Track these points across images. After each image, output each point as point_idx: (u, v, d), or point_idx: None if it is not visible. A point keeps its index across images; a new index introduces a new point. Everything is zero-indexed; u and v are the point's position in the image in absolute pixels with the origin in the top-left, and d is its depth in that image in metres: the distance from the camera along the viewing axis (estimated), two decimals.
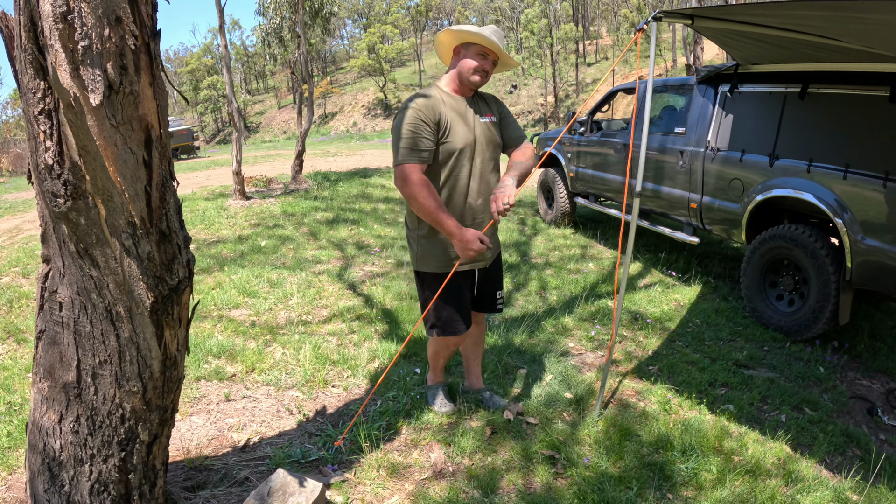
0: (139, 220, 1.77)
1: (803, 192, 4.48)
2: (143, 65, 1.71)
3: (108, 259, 1.79)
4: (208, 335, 4.29)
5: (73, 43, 1.59)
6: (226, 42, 9.87)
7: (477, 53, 2.75)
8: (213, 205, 9.57)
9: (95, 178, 1.69)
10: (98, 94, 1.61)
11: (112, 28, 1.63)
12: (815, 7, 2.74)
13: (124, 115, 1.68)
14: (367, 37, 53.40)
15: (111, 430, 1.97)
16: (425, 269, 2.91)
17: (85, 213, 1.73)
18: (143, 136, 1.74)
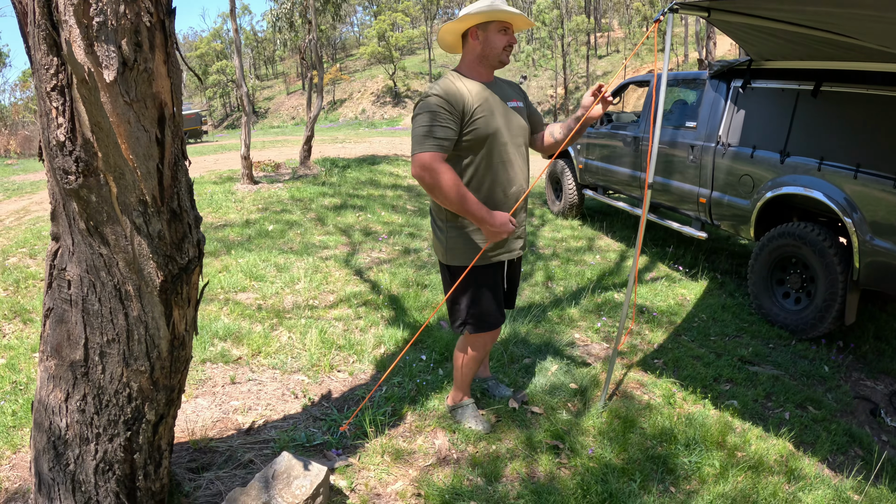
0: (150, 198, 1.77)
1: (813, 190, 4.46)
2: (158, 42, 1.70)
3: (119, 237, 1.79)
4: (215, 318, 4.30)
5: (87, 18, 1.58)
6: (236, 26, 9.84)
7: (498, 31, 2.60)
8: (221, 189, 9.58)
9: (108, 155, 1.69)
10: (112, 70, 1.60)
11: (128, 4, 1.61)
12: (833, 3, 2.71)
13: (138, 93, 1.67)
14: (378, 24, 53.20)
15: (118, 409, 1.98)
16: (456, 263, 2.75)
17: (96, 190, 1.73)
18: (156, 114, 1.73)
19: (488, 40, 2.61)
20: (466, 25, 2.62)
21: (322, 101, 12.09)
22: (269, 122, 53.77)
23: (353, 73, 60.71)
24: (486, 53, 2.63)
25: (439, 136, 2.49)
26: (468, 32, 2.65)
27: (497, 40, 2.61)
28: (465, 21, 2.59)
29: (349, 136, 25.49)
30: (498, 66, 2.67)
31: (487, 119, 2.58)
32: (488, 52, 2.62)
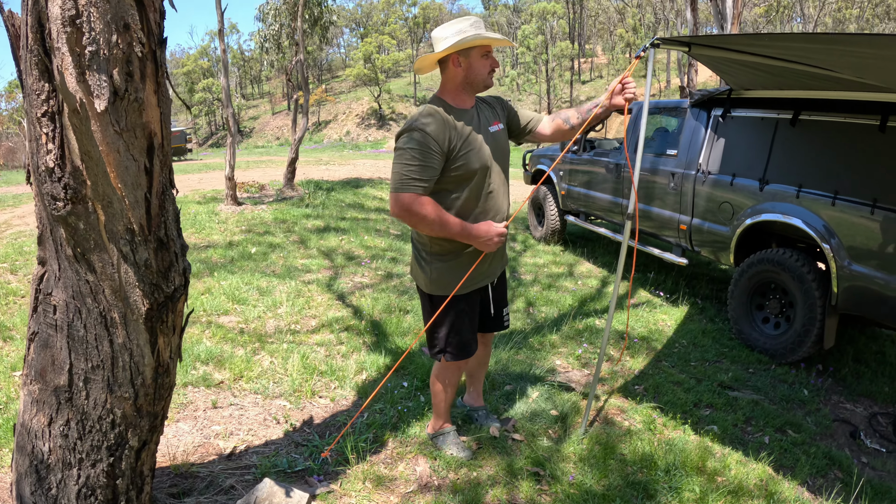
0: (138, 227, 1.78)
1: (792, 217, 4.55)
2: (149, 72, 1.73)
3: (105, 265, 1.80)
4: (197, 341, 4.28)
5: (80, 47, 1.60)
6: (224, 47, 9.89)
7: (481, 56, 2.56)
8: (205, 209, 9.55)
9: (96, 183, 1.70)
10: (103, 99, 1.63)
11: (120, 34, 1.64)
12: (811, 40, 2.80)
13: (128, 122, 1.69)
14: (364, 46, 53.53)
15: (101, 435, 1.97)
16: (440, 293, 2.72)
17: (84, 217, 1.74)
18: (145, 144, 1.75)
19: (472, 66, 2.57)
20: (448, 53, 2.56)
21: (307, 123, 12.13)
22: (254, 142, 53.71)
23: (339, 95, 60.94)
24: (471, 79, 2.60)
25: (422, 177, 2.46)
26: (448, 58, 2.58)
27: (481, 66, 2.58)
28: (450, 49, 2.52)
29: (333, 157, 25.52)
30: (483, 90, 2.67)
31: (472, 154, 2.56)
32: (473, 77, 2.60)
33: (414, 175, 2.45)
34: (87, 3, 1.60)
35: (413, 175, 2.45)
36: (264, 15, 15.82)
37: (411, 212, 2.46)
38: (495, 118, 2.77)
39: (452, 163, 2.53)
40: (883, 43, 2.41)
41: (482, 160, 2.60)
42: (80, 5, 1.59)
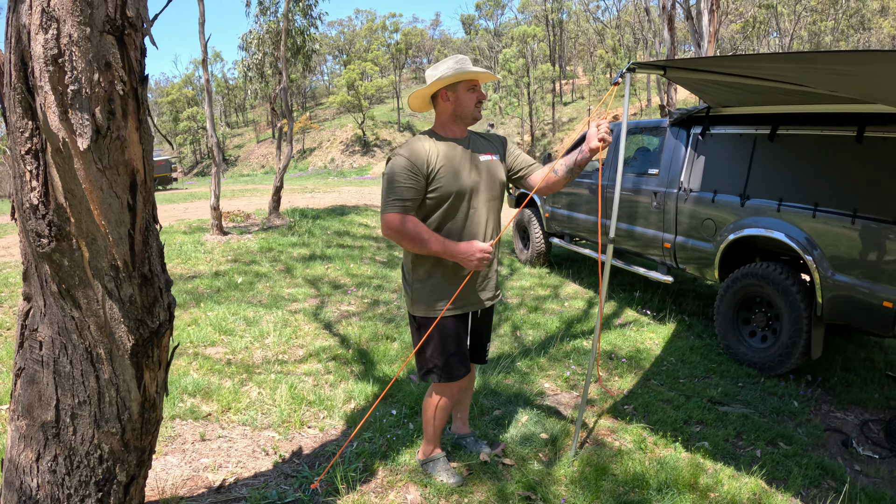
0: (122, 263, 1.79)
1: (774, 230, 4.61)
2: (131, 110, 1.74)
3: (90, 301, 1.80)
4: (184, 373, 4.25)
5: (62, 86, 1.62)
6: (208, 76, 9.93)
7: (467, 90, 2.72)
8: (191, 239, 9.53)
9: (80, 220, 1.71)
10: (86, 138, 1.64)
11: (102, 73, 1.66)
12: (786, 59, 2.86)
13: (111, 160, 1.70)
14: (347, 73, 53.91)
15: (89, 470, 1.96)
16: (420, 314, 2.81)
17: (68, 254, 1.75)
18: (128, 181, 1.76)
19: (459, 100, 2.72)
20: (436, 89, 2.73)
21: (292, 151, 12.17)
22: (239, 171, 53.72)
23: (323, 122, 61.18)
24: (459, 112, 2.74)
25: (404, 197, 2.60)
26: (438, 94, 2.75)
27: (467, 99, 2.72)
28: (435, 85, 2.69)
29: (318, 185, 25.58)
30: (471, 122, 2.79)
31: (451, 178, 2.66)
32: (461, 110, 2.74)
33: (396, 196, 2.61)
34: (69, 42, 1.62)
35: (395, 196, 2.61)
36: (247, 44, 15.92)
37: (395, 230, 2.61)
38: (490, 150, 2.87)
39: (434, 183, 2.66)
40: (855, 59, 2.47)
41: (463, 184, 2.70)
42: (62, 44, 1.61)
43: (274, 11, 14.33)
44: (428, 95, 2.78)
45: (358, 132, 53.86)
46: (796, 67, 2.91)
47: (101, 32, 1.68)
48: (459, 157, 2.71)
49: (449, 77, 2.65)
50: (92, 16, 1.65)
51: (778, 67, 3.00)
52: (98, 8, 1.66)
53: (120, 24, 1.72)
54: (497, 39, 60.05)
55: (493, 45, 59.21)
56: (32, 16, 1.62)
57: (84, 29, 1.64)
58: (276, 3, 14.13)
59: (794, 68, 2.92)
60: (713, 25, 10.01)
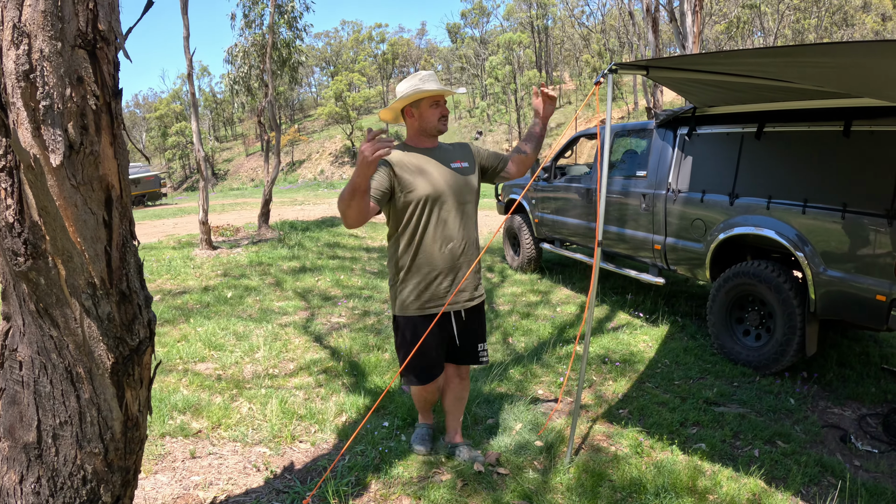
0: (99, 280, 1.75)
1: (764, 228, 4.60)
2: (104, 125, 1.71)
3: (68, 319, 1.76)
4: (173, 390, 4.20)
5: (34, 102, 1.59)
6: (193, 90, 9.89)
7: (430, 106, 2.88)
8: (180, 254, 9.47)
9: (55, 238, 1.67)
10: (59, 154, 1.61)
11: (73, 87, 1.63)
12: (767, 54, 2.85)
13: (84, 176, 1.67)
14: (335, 84, 53.93)
15: (73, 491, 1.91)
16: (398, 313, 3.00)
17: (45, 272, 1.71)
18: (103, 197, 1.73)
19: (423, 116, 2.90)
20: (400, 107, 2.93)
21: (280, 164, 12.13)
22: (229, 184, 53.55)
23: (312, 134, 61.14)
24: (424, 126, 2.93)
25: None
26: (405, 110, 2.94)
27: (430, 115, 2.90)
28: (398, 104, 2.90)
29: (308, 197, 25.51)
30: (437, 134, 2.97)
31: (420, 184, 2.83)
32: (425, 125, 2.92)
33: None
34: (40, 57, 1.59)
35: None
36: (233, 57, 15.89)
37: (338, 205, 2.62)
38: (459, 158, 3.03)
39: (404, 189, 2.82)
40: (838, 51, 2.46)
41: (431, 189, 2.86)
42: (33, 60, 1.58)
43: (259, 24, 14.32)
44: (398, 110, 2.97)
45: (347, 143, 53.83)
46: (779, 62, 2.90)
47: (73, 47, 1.65)
48: (428, 165, 2.88)
49: (408, 96, 2.83)
50: (63, 30, 1.62)
51: (760, 63, 2.99)
52: (69, 22, 1.64)
53: (92, 38, 1.69)
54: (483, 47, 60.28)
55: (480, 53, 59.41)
56: (4, 31, 1.59)
57: (55, 44, 1.61)
58: (261, 16, 14.12)
59: (777, 63, 2.92)
60: (697, 26, 10.06)
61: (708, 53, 2.97)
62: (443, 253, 2.91)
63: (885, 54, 2.33)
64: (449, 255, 2.92)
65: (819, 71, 2.81)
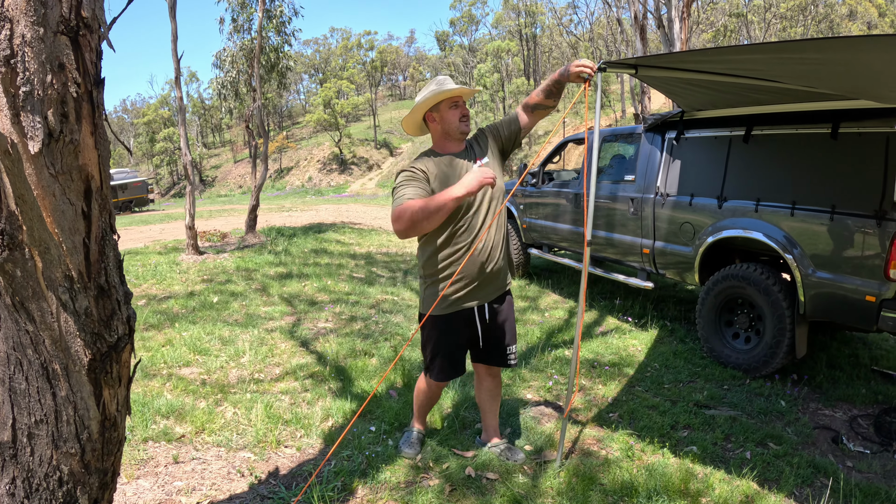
0: (77, 273, 1.69)
1: (752, 231, 4.60)
2: (85, 113, 1.66)
3: (45, 314, 1.70)
4: (157, 394, 4.12)
5: (14, 88, 1.54)
6: (181, 94, 9.82)
7: (449, 107, 2.90)
8: (166, 259, 9.37)
9: (32, 228, 1.62)
10: (37, 141, 1.56)
11: (55, 74, 1.59)
12: (754, 51, 2.84)
13: (64, 165, 1.61)
14: (323, 91, 53.80)
15: (49, 493, 1.85)
16: (423, 310, 3.02)
17: (21, 264, 1.65)
18: (82, 187, 1.67)
19: (444, 119, 2.93)
20: (421, 114, 2.97)
21: (268, 170, 12.07)
22: (217, 191, 53.24)
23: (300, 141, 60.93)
24: (447, 129, 2.94)
25: (408, 193, 2.76)
26: (426, 117, 2.98)
27: (451, 116, 2.92)
28: (418, 111, 2.94)
29: (296, 204, 25.42)
30: (461, 136, 2.97)
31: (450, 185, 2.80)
32: (447, 127, 2.94)
33: (400, 195, 2.78)
34: (21, 42, 1.54)
35: (400, 196, 2.78)
36: (221, 61, 15.81)
37: (398, 218, 2.69)
38: (480, 154, 3.04)
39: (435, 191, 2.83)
40: (828, 46, 2.45)
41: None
42: (14, 45, 1.54)
43: (248, 29, 14.27)
44: (419, 120, 3.02)
45: (335, 150, 53.70)
46: (769, 59, 2.89)
47: (56, 33, 1.60)
48: (455, 168, 2.91)
49: (428, 100, 2.87)
50: (46, 16, 1.58)
51: (750, 59, 2.98)
52: (52, 8, 1.59)
53: (75, 24, 1.64)
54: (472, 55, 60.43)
55: (468, 61, 59.53)
56: None
57: (38, 29, 1.57)
58: (249, 20, 14.06)
59: (767, 60, 2.90)
60: (685, 32, 10.12)
61: (697, 50, 2.95)
62: (474, 254, 2.92)
63: (875, 49, 2.32)
64: (479, 255, 2.94)
65: (809, 68, 2.81)
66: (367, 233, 13.47)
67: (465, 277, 2.94)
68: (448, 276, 2.92)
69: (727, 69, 3.25)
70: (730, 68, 3.23)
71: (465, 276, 2.93)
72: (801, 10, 40.40)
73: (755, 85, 3.52)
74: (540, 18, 55.65)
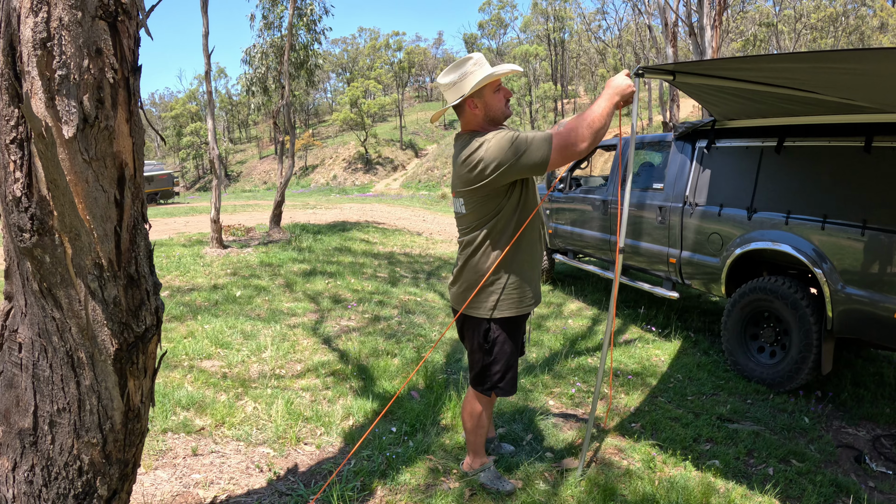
0: (107, 261, 1.68)
1: (781, 243, 4.51)
2: (121, 100, 1.65)
3: (72, 301, 1.69)
4: (178, 385, 4.13)
5: (50, 71, 1.54)
6: (210, 88, 9.89)
7: (493, 91, 2.66)
8: (190, 252, 9.44)
9: (63, 214, 1.61)
10: (72, 126, 1.55)
11: (91, 59, 1.58)
12: (794, 59, 2.78)
13: (98, 151, 1.61)
14: (350, 91, 54.05)
15: (67, 482, 1.84)
16: (494, 316, 2.75)
17: (50, 250, 1.65)
18: (116, 174, 1.67)
19: (488, 104, 2.66)
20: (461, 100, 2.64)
21: (293, 167, 12.13)
22: (241, 186, 53.69)
23: (326, 139, 61.26)
24: (491, 115, 2.67)
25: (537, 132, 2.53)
26: (464, 103, 2.66)
27: (495, 101, 2.66)
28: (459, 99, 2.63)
29: (320, 201, 25.54)
30: (504, 121, 2.74)
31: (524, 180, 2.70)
32: (492, 113, 2.67)
33: (531, 134, 2.52)
34: (59, 25, 1.54)
35: (531, 135, 2.52)
36: (251, 58, 15.91)
37: (578, 130, 2.46)
38: None
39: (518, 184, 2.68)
40: (869, 57, 2.39)
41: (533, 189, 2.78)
42: (52, 28, 1.53)
43: (278, 26, 14.36)
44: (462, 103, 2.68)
45: (360, 150, 53.90)
46: (807, 68, 2.83)
47: (94, 17, 1.60)
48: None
49: (478, 83, 2.58)
50: (84, 0, 1.57)
51: (788, 68, 2.92)
52: None
53: (113, 9, 1.64)
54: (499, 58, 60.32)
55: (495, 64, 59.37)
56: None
57: (75, 13, 1.56)
58: (280, 18, 14.15)
59: (805, 69, 2.84)
60: (716, 41, 9.99)
61: (737, 58, 2.89)
62: (537, 256, 2.84)
63: None
64: (537, 257, 2.85)
65: (847, 79, 2.74)
66: (391, 233, 13.48)
67: (529, 282, 2.78)
68: (517, 274, 2.72)
69: (765, 77, 3.19)
70: (767, 77, 3.17)
71: (529, 280, 2.78)
72: (831, 21, 39.80)
73: (790, 95, 3.45)
74: (568, 23, 55.40)
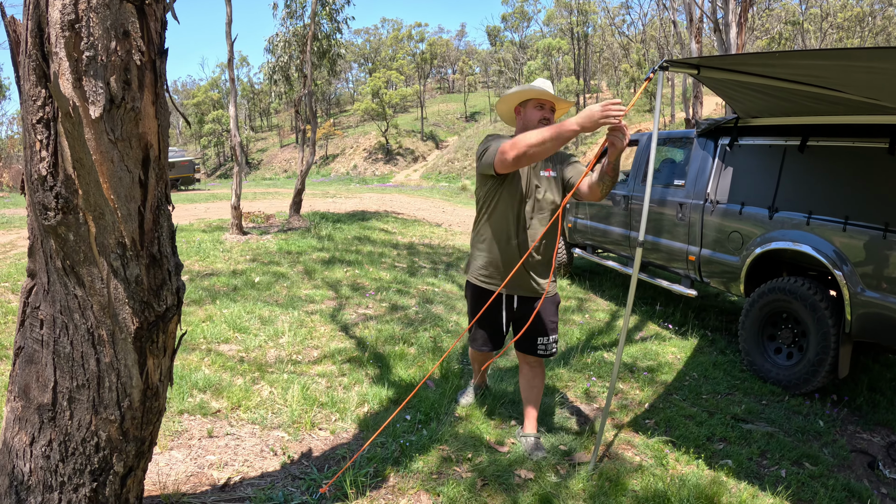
0: (130, 241, 1.71)
1: (802, 244, 4.47)
2: (148, 82, 1.67)
3: (95, 279, 1.72)
4: (195, 368, 4.18)
5: (77, 52, 1.56)
6: (233, 76, 9.94)
7: (534, 107, 3.07)
8: (210, 237, 9.52)
9: (88, 193, 1.64)
10: (98, 106, 1.57)
11: (119, 41, 1.60)
12: (820, 56, 2.74)
13: (123, 132, 1.63)
14: (372, 81, 54.13)
15: (84, 458, 1.87)
16: (466, 275, 3.38)
17: (74, 228, 1.67)
18: (141, 155, 1.69)
19: (527, 115, 3.11)
20: (513, 103, 3.17)
21: (314, 155, 12.17)
22: (262, 174, 54.05)
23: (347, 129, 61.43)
24: (526, 125, 3.09)
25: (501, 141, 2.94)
26: (515, 110, 3.20)
27: (533, 115, 3.08)
28: (508, 101, 3.15)
29: (340, 190, 25.63)
30: None
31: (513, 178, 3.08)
32: (527, 124, 3.08)
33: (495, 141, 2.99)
34: (86, 7, 1.56)
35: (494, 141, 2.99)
36: (274, 46, 15.96)
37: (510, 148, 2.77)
38: (550, 166, 3.21)
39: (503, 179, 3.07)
40: None
41: (517, 188, 3.10)
42: (79, 10, 1.56)
43: (301, 15, 14.39)
44: (510, 110, 3.24)
45: (381, 140, 54.01)
46: (835, 66, 2.78)
47: (122, 0, 1.62)
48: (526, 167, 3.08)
49: (514, 94, 3.11)
50: None
51: (815, 65, 2.88)
52: None
53: None
54: (522, 51, 60.04)
55: (518, 57, 59.14)
56: None
57: None
58: (302, 7, 14.18)
59: (833, 67, 2.80)
60: (741, 38, 9.86)
61: (762, 53, 2.86)
62: (509, 245, 3.15)
63: None
64: (514, 250, 3.15)
65: (874, 78, 2.70)
66: (411, 223, 13.50)
67: (493, 263, 3.20)
68: (483, 252, 3.22)
69: (791, 74, 3.15)
70: (794, 73, 3.13)
71: (492, 260, 3.20)
72: (858, 20, 39.11)
73: (816, 93, 3.40)
74: (592, 17, 54.93)
